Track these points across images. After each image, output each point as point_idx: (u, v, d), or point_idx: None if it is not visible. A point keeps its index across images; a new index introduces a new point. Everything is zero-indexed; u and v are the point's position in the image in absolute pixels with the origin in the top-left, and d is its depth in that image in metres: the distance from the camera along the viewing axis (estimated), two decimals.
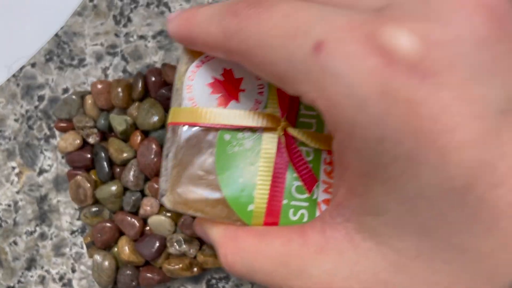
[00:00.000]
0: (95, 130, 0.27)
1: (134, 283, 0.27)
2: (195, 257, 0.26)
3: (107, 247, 0.27)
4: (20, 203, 0.29)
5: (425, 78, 0.11)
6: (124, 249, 0.27)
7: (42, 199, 0.28)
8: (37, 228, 0.28)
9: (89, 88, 0.29)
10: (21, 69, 0.29)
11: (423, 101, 0.11)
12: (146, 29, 0.28)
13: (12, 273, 0.28)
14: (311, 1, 0.15)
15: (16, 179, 0.29)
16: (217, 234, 0.19)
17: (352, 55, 0.12)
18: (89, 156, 0.28)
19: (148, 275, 0.27)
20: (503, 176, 0.11)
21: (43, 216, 0.28)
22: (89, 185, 0.27)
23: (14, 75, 0.29)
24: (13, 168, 0.29)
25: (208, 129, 0.19)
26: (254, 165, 0.19)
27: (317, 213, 0.19)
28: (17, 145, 0.29)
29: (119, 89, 0.27)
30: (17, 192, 0.29)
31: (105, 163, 0.27)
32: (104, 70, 0.29)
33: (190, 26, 0.17)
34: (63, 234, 0.28)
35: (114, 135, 0.28)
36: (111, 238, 0.27)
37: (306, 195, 0.19)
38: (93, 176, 0.28)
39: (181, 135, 0.20)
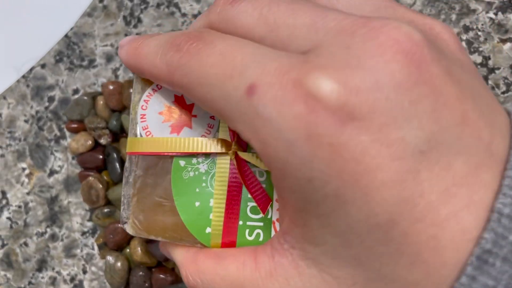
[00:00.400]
0: (107, 131, 0.27)
1: (146, 284, 0.27)
2: None
3: (119, 248, 0.27)
4: (30, 204, 0.28)
5: (346, 123, 0.12)
6: (137, 250, 0.27)
7: (53, 200, 0.28)
8: (48, 229, 0.28)
9: (99, 89, 0.29)
10: (30, 70, 0.29)
11: (345, 145, 0.12)
12: (156, 30, 0.28)
13: (23, 274, 0.28)
14: (247, 38, 0.16)
15: (26, 180, 0.29)
16: (179, 256, 0.20)
17: (281, 101, 0.13)
18: (101, 157, 0.28)
19: (161, 276, 0.27)
20: (423, 211, 0.12)
21: (54, 217, 0.28)
22: (101, 186, 0.27)
23: (23, 76, 0.29)
24: (24, 169, 0.29)
25: (164, 156, 0.21)
26: (209, 188, 0.20)
27: (272, 232, 0.20)
28: (27, 146, 0.29)
29: (131, 90, 0.27)
30: (28, 193, 0.29)
31: (117, 164, 0.27)
32: (114, 71, 0.29)
33: (138, 56, 0.18)
34: (74, 235, 0.28)
35: (126, 135, 0.28)
36: (124, 239, 0.27)
37: (261, 215, 0.20)
38: (105, 177, 0.28)
39: (138, 165, 0.21)
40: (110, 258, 0.27)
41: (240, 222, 0.20)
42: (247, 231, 0.20)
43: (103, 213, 0.27)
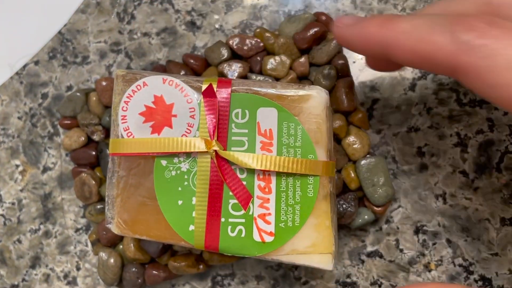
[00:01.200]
0: (100, 127, 0.27)
1: (139, 280, 0.27)
2: (201, 254, 0.26)
3: (112, 244, 0.27)
4: (24, 201, 0.28)
5: None
6: (130, 246, 0.27)
7: (46, 197, 0.28)
8: (41, 226, 0.28)
9: (93, 86, 0.29)
10: (24, 67, 0.29)
11: None
12: (150, 26, 0.28)
13: (16, 271, 0.28)
14: None
15: (20, 177, 0.29)
16: None
17: None
18: (93, 153, 0.28)
19: (154, 272, 0.27)
20: None
21: (47, 214, 0.28)
22: (94, 182, 0.27)
23: (17, 73, 0.29)
24: (17, 166, 0.29)
25: (145, 156, 0.21)
26: (192, 187, 0.20)
27: (254, 228, 0.20)
28: (20, 143, 0.29)
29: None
30: (21, 190, 0.29)
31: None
32: (108, 67, 0.29)
33: (390, 32, 0.17)
34: (67, 232, 0.28)
35: None
36: (117, 236, 0.27)
37: (242, 212, 0.20)
38: (98, 174, 0.28)
39: (121, 165, 0.21)
40: (103, 255, 0.27)
41: (222, 219, 0.20)
42: (229, 227, 0.20)
43: (96, 209, 0.27)
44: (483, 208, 0.25)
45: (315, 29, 0.25)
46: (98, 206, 0.27)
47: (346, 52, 0.27)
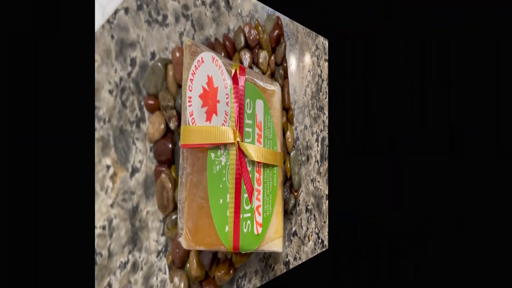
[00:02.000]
0: (174, 112, 0.22)
1: None
2: (230, 259, 0.24)
3: (182, 264, 0.22)
4: (114, 222, 0.18)
5: None
6: (193, 263, 0.22)
7: (134, 212, 0.20)
8: (130, 257, 0.19)
9: (170, 56, 0.22)
10: (115, 14, 0.18)
11: None
12: None
13: None
14: None
15: (110, 184, 0.18)
16: None
17: None
18: (170, 146, 0.21)
19: None
20: None
21: (135, 237, 0.20)
22: (170, 185, 0.21)
23: (108, 21, 0.18)
24: (108, 167, 0.18)
25: (202, 149, 0.18)
26: (227, 183, 0.18)
27: (254, 221, 0.19)
28: (111, 131, 0.18)
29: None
30: (111, 205, 0.18)
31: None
32: (180, 35, 0.23)
33: None
34: (151, 259, 0.20)
35: None
36: (185, 252, 0.22)
37: (249, 206, 0.19)
38: (173, 173, 0.21)
39: (188, 160, 0.18)
40: (176, 280, 0.21)
41: (241, 216, 0.19)
42: (243, 223, 0.19)
43: (172, 221, 0.21)
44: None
45: (277, 31, 0.27)
46: (173, 217, 0.21)
47: (286, 55, 0.29)
